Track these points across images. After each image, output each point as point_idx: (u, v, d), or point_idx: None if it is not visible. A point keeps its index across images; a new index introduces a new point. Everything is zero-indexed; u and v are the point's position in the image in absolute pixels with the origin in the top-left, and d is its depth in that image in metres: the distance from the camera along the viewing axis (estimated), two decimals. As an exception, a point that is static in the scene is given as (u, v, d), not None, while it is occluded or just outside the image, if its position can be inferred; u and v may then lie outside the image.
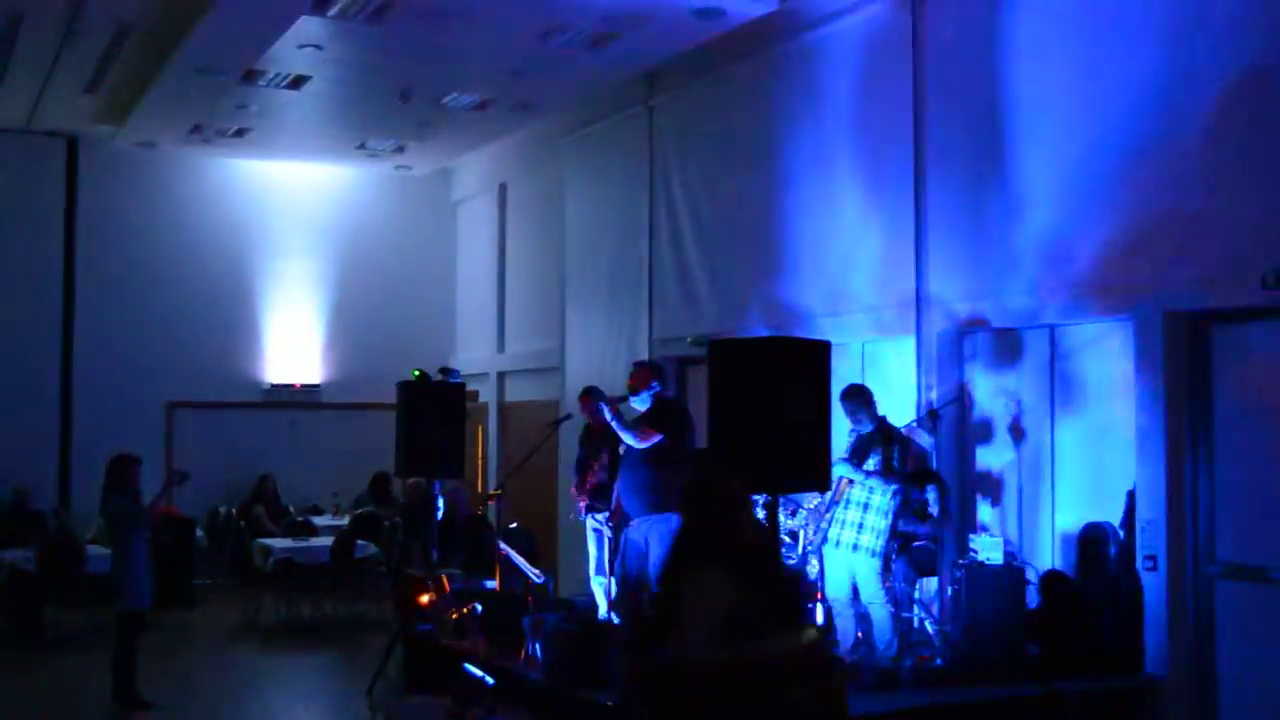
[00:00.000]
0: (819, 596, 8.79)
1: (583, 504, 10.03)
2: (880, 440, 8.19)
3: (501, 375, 16.74)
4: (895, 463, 8.20)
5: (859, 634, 8.25)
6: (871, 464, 8.16)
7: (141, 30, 11.93)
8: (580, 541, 10.55)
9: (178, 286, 16.60)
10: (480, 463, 16.62)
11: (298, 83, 13.13)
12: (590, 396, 9.93)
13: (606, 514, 9.60)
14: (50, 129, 15.71)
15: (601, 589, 9.84)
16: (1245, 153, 7.75)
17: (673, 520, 8.61)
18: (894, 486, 8.22)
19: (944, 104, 9.87)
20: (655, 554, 8.80)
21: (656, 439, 8.68)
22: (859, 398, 8.41)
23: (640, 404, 9.01)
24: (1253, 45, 7.74)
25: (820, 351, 6.83)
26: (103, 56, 12.72)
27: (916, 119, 10.05)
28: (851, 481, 8.29)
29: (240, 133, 15.31)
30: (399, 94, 13.58)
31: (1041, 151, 9.07)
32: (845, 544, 8.08)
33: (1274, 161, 7.59)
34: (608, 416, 8.88)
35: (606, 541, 9.73)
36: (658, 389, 9.09)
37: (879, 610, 8.06)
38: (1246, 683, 7.92)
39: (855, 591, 8.15)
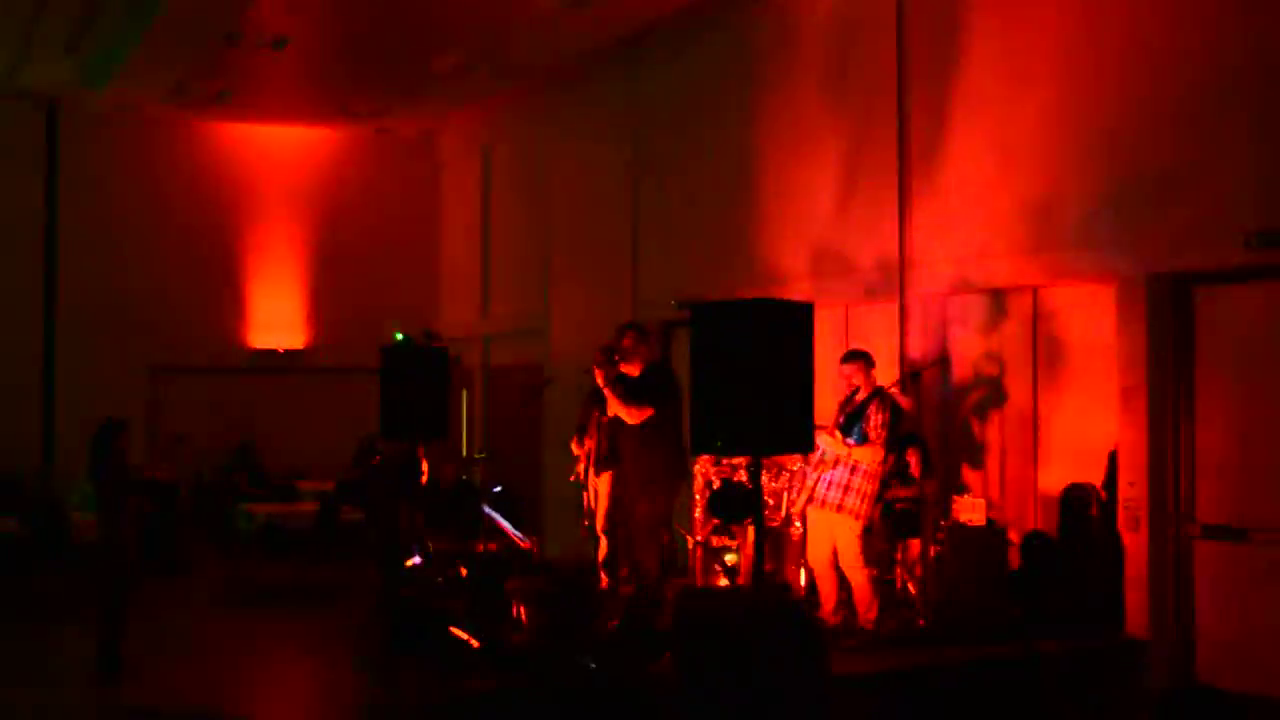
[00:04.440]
0: (801, 560, 8.81)
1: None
2: (880, 404, 8.13)
3: (486, 339, 16.71)
4: (888, 429, 8.16)
5: (842, 595, 8.26)
6: (875, 423, 8.07)
7: (120, -9, 11.84)
8: (566, 504, 10.57)
9: (160, 251, 16.54)
10: (465, 426, 16.61)
11: (278, 44, 13.01)
12: (605, 354, 9.74)
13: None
14: (30, 91, 15.58)
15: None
16: (1228, 115, 7.75)
17: (657, 490, 8.66)
18: (881, 449, 8.18)
19: (928, 66, 9.83)
20: (635, 521, 8.84)
21: (648, 415, 8.67)
22: (861, 362, 8.34)
23: (632, 370, 8.97)
24: (1237, 8, 7.73)
25: (803, 314, 6.81)
26: (81, 18, 12.60)
27: (900, 81, 10.02)
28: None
29: (221, 95, 15.19)
30: (381, 56, 13.50)
31: (1025, 114, 9.05)
32: (830, 503, 8.07)
33: (1256, 124, 7.59)
34: (601, 383, 8.85)
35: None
36: (649, 357, 9.10)
37: (857, 575, 8.07)
38: (1225, 642, 7.98)
39: (835, 554, 8.15)
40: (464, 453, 15.44)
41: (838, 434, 8.10)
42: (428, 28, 12.61)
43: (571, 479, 10.04)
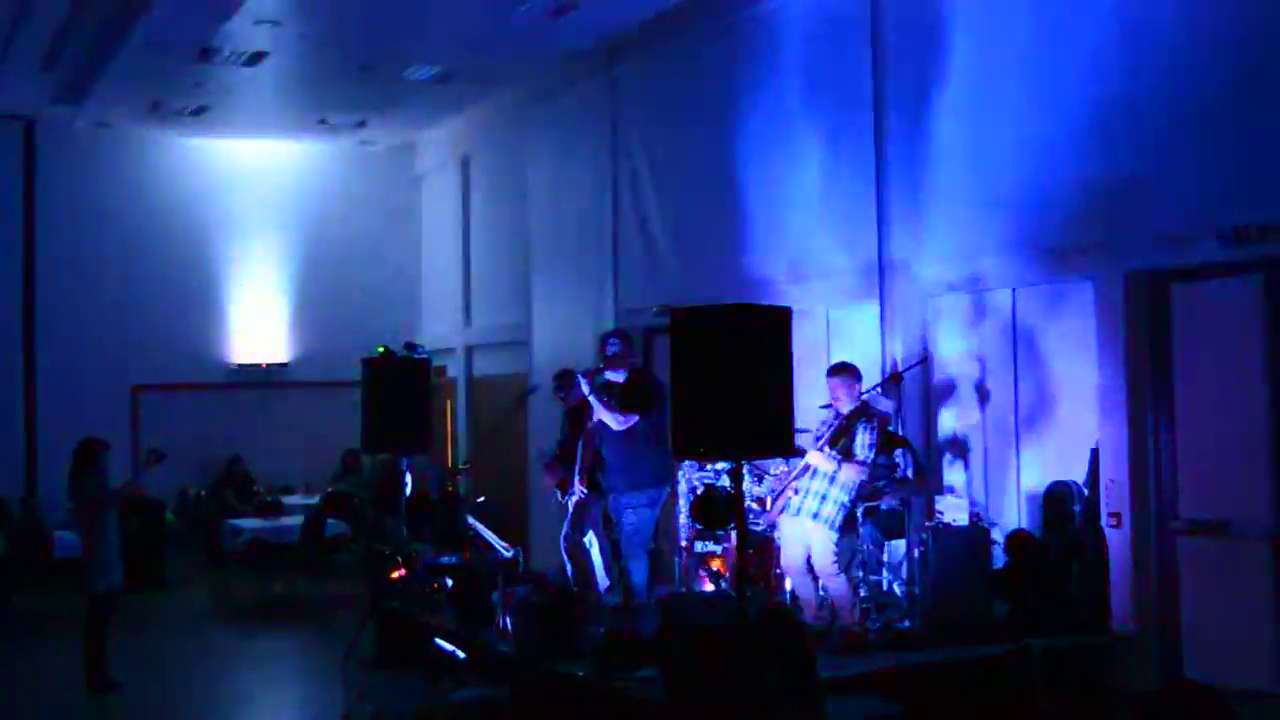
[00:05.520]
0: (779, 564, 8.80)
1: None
2: (866, 423, 8.10)
3: (469, 350, 16.71)
4: (875, 449, 8.13)
5: (825, 597, 8.27)
6: (863, 443, 8.05)
7: (96, 8, 11.80)
8: (554, 515, 10.53)
9: (140, 268, 16.49)
10: (449, 438, 16.60)
11: (255, 59, 13.00)
12: (565, 378, 9.84)
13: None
14: (7, 111, 15.54)
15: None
16: (1201, 113, 7.79)
17: (643, 498, 8.66)
18: (867, 469, 8.16)
19: (904, 69, 9.86)
20: (621, 529, 8.84)
21: (634, 420, 8.67)
22: (848, 376, 8.30)
23: (617, 377, 8.97)
24: (1208, 9, 7.77)
25: (781, 318, 6.81)
26: (57, 35, 12.58)
27: (876, 84, 10.05)
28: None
29: (199, 110, 15.17)
30: (359, 68, 13.48)
31: (1001, 115, 9.09)
32: (806, 512, 8.06)
33: (1229, 122, 7.64)
34: (586, 391, 8.83)
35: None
36: (634, 363, 9.11)
37: (832, 580, 8.07)
38: (1210, 636, 8.00)
39: (810, 559, 8.16)
40: (449, 464, 15.42)
41: (825, 449, 8.06)
42: (404, 39, 12.61)
43: (557, 502, 9.99)
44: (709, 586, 9.09)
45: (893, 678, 7.38)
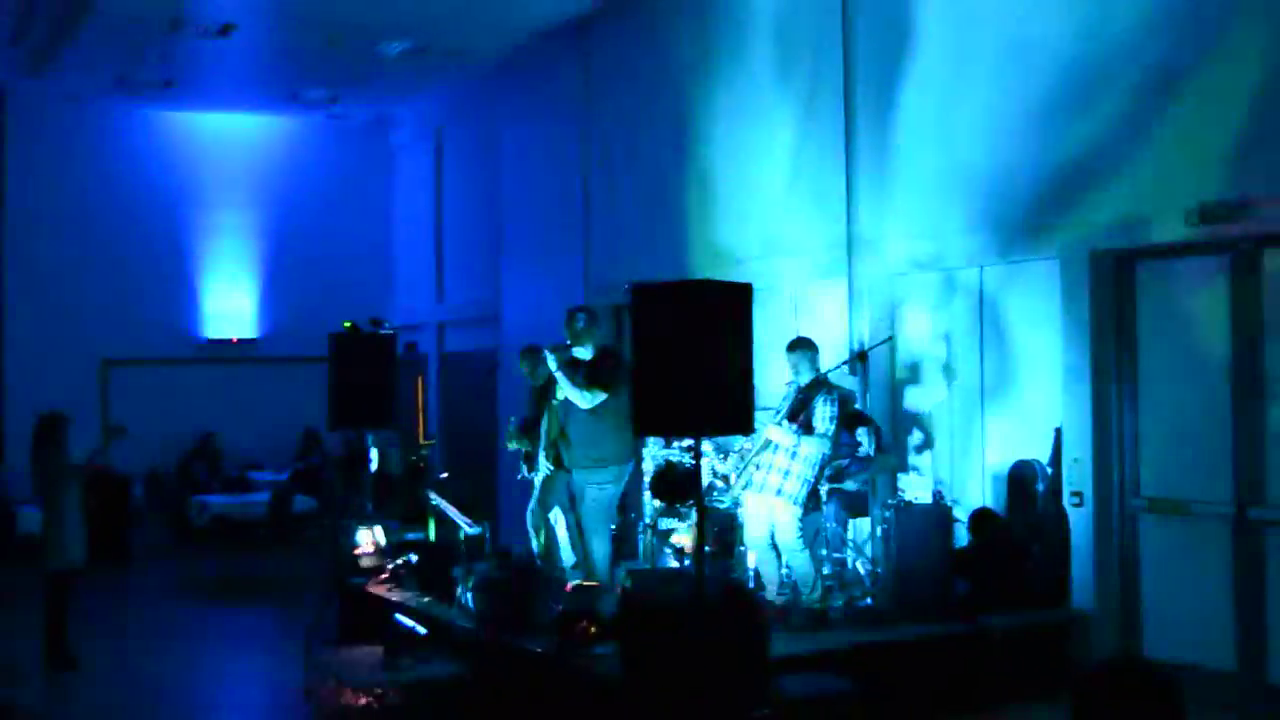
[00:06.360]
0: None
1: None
2: (826, 395, 8.09)
3: (441, 325, 16.65)
4: (835, 421, 8.13)
5: (786, 575, 8.26)
6: (823, 415, 8.04)
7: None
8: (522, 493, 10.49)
9: (111, 242, 16.38)
10: (421, 413, 16.55)
11: (225, 31, 12.86)
12: (531, 353, 9.79)
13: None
14: (-27, 83, 15.42)
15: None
16: (1168, 92, 7.76)
17: (607, 474, 8.62)
18: (828, 441, 8.15)
19: (873, 47, 9.82)
20: (584, 505, 8.81)
21: (600, 398, 8.63)
22: (805, 350, 8.30)
23: (583, 353, 8.93)
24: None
25: (742, 294, 6.76)
26: (25, 8, 12.44)
27: (846, 61, 10.01)
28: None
29: (168, 83, 15.02)
30: (329, 41, 13.36)
31: (969, 94, 9.06)
32: (770, 488, 8.06)
33: (1195, 101, 7.61)
34: (553, 367, 8.78)
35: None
36: (600, 340, 9.07)
37: (795, 557, 8.07)
38: (1170, 614, 8.02)
39: (774, 535, 8.15)
40: (419, 439, 15.38)
41: (785, 424, 8.05)
42: (377, 11, 12.50)
43: (520, 476, 9.97)
44: (673, 563, 9.07)
45: (853, 655, 7.38)
